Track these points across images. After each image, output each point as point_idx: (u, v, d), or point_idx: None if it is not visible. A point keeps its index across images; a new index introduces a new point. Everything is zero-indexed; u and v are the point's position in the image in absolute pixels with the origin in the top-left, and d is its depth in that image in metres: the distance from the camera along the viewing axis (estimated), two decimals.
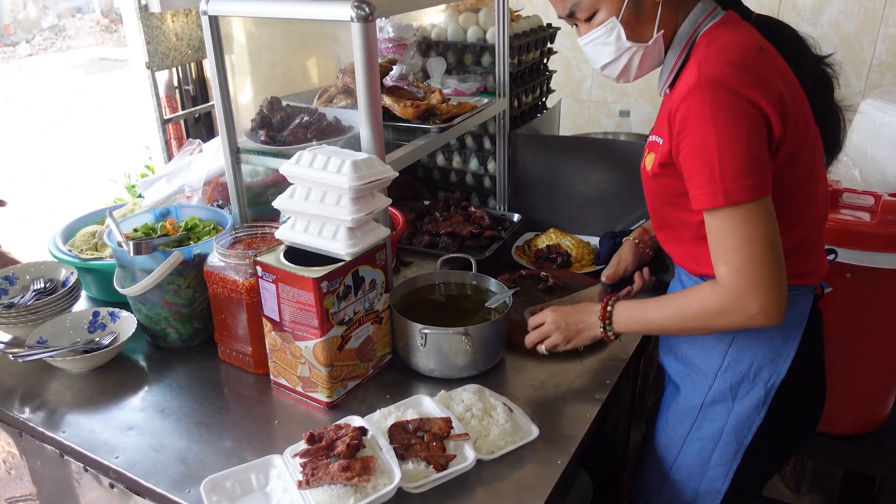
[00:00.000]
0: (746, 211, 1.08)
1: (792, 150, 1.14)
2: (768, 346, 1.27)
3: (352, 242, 1.33)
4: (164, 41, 2.48)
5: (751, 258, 1.09)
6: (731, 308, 1.13)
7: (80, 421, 1.37)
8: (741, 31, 1.19)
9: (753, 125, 1.08)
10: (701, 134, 1.09)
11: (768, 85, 1.10)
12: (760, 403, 1.28)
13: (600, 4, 1.21)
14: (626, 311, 1.32)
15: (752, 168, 1.07)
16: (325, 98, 1.79)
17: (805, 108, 1.18)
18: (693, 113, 1.09)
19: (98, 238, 1.77)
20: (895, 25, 2.64)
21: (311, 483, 1.12)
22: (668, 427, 1.41)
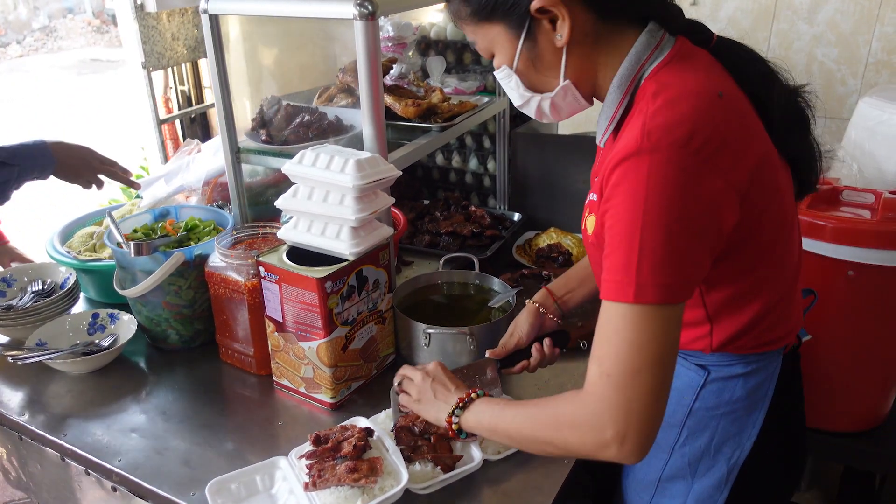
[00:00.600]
0: (648, 313, 0.87)
1: (753, 220, 0.95)
2: (730, 420, 1.10)
3: (355, 242, 1.32)
4: (160, 41, 2.47)
5: (627, 367, 0.87)
6: (584, 422, 0.91)
7: (81, 424, 1.36)
8: (696, 71, 0.96)
9: (697, 214, 0.87)
10: (629, 208, 0.87)
11: (729, 150, 0.89)
12: (723, 482, 1.12)
13: (494, 48, 1.04)
14: (486, 405, 1.09)
15: (675, 266, 0.87)
16: (324, 97, 1.78)
17: (770, 159, 0.98)
18: (627, 182, 0.87)
19: (97, 239, 1.76)
20: (891, 24, 2.65)
21: (318, 485, 1.11)
22: (628, 498, 1.27)
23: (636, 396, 0.87)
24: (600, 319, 0.91)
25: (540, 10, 0.96)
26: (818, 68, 2.75)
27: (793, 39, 2.75)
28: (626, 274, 0.87)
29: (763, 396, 1.10)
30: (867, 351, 1.80)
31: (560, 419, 0.95)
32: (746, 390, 1.09)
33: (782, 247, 1.03)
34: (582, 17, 0.97)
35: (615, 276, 0.89)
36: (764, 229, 0.98)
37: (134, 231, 1.60)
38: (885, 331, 1.79)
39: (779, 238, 1.02)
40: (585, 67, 1.01)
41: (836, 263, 1.70)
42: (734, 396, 1.09)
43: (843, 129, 2.34)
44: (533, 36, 0.99)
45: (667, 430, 1.14)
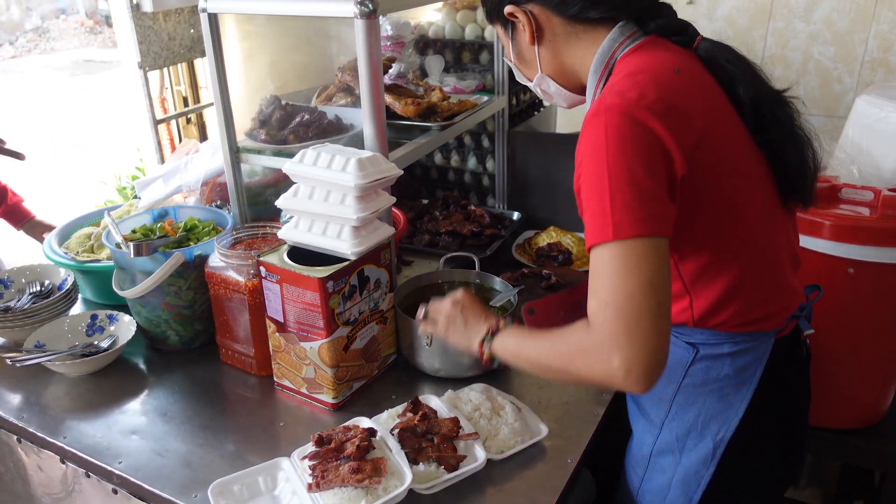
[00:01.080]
0: (630, 245, 0.92)
1: (703, 188, 1.02)
2: (718, 397, 1.14)
3: (357, 241, 1.31)
4: (156, 41, 2.46)
5: (622, 294, 0.91)
6: (591, 349, 0.95)
7: (81, 426, 1.35)
8: (659, 53, 1.07)
9: (649, 155, 0.95)
10: (594, 163, 0.95)
11: (676, 113, 0.97)
12: (709, 458, 1.16)
13: (502, 40, 1.24)
14: (514, 335, 1.15)
15: (644, 201, 0.93)
16: (324, 96, 1.78)
17: (735, 138, 1.06)
18: (588, 140, 0.97)
19: (94, 240, 1.74)
20: (886, 22, 2.66)
21: (322, 486, 1.11)
22: (627, 474, 1.33)
23: (635, 319, 0.91)
24: (591, 266, 0.97)
25: (510, 14, 1.14)
26: (814, 66, 2.75)
27: (789, 38, 2.75)
28: (603, 218, 0.94)
29: (751, 376, 1.14)
30: (867, 348, 1.81)
31: (571, 348, 1.00)
32: (734, 369, 1.13)
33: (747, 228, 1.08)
34: (548, 19, 1.13)
35: (594, 221, 0.95)
36: (719, 200, 1.04)
37: (133, 231, 1.59)
38: (885, 328, 1.79)
39: (740, 214, 1.07)
40: (558, 61, 1.16)
41: (835, 261, 1.70)
42: (721, 374, 1.13)
43: (840, 126, 2.35)
44: (514, 35, 1.19)
45: (658, 405, 1.21)
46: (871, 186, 1.81)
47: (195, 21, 2.61)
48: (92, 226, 1.86)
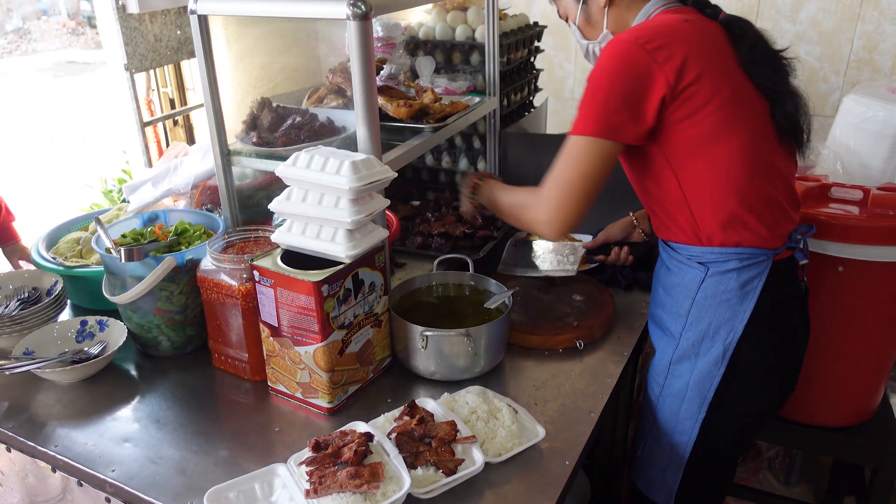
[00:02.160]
0: (580, 142, 1.27)
1: (688, 112, 1.25)
2: (726, 307, 1.35)
3: (352, 245, 1.30)
4: (142, 42, 2.43)
5: (564, 177, 1.30)
6: (532, 205, 1.37)
7: (72, 434, 1.33)
8: (680, 12, 1.34)
9: (631, 75, 1.23)
10: (593, 76, 1.26)
11: (666, 49, 1.23)
12: (719, 359, 1.37)
13: (568, 11, 1.50)
14: (487, 188, 1.58)
15: (607, 114, 1.24)
16: (314, 98, 1.76)
17: (728, 79, 1.28)
18: (596, 63, 1.28)
19: (83, 245, 1.72)
20: (871, 22, 2.68)
21: (320, 492, 1.10)
22: (649, 385, 1.52)
23: (564, 197, 1.31)
24: (563, 146, 1.31)
25: None
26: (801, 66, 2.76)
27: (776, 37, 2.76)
28: (579, 117, 1.28)
29: (753, 289, 1.35)
30: (857, 346, 1.82)
31: (521, 202, 1.43)
32: (739, 282, 1.34)
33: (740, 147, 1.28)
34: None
35: (575, 119, 1.28)
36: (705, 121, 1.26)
37: (122, 236, 1.57)
38: (875, 326, 1.80)
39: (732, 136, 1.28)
40: (619, 21, 1.43)
41: (825, 259, 1.71)
42: (728, 287, 1.35)
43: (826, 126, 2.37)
44: (587, 2, 1.45)
45: (675, 319, 1.43)
46: (860, 185, 1.83)
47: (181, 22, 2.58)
48: (80, 230, 1.84)
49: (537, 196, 1.35)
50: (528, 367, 1.51)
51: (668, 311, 1.44)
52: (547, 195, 1.32)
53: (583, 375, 1.48)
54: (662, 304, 1.46)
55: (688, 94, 1.24)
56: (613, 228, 1.80)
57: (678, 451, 1.46)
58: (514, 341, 1.57)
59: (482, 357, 1.43)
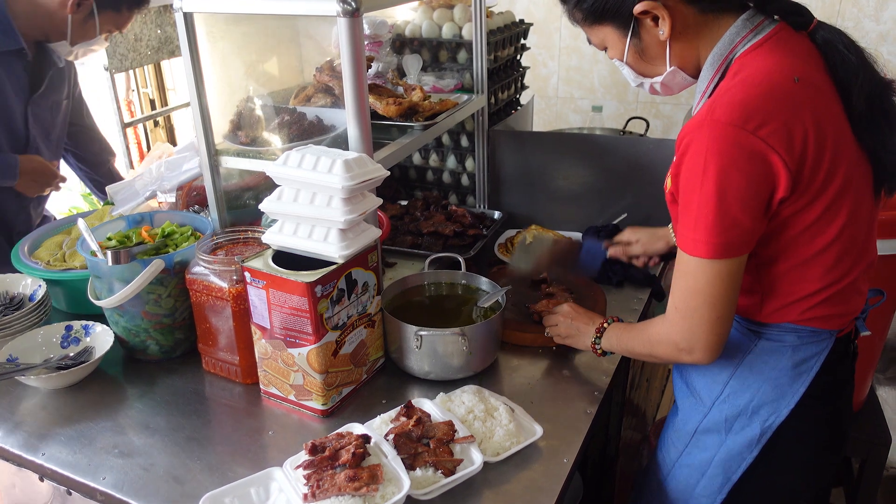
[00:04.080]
0: (705, 265, 1.07)
1: (801, 206, 1.07)
2: (772, 385, 1.20)
3: (345, 244, 1.29)
4: (122, 42, 2.39)
5: (690, 306, 1.11)
6: (665, 339, 1.18)
7: (60, 442, 1.30)
8: (781, 56, 1.07)
9: (749, 182, 1.01)
10: (693, 177, 1.04)
11: (788, 133, 1.00)
12: (754, 442, 1.22)
13: (607, 44, 1.22)
14: (615, 332, 1.36)
15: (725, 229, 1.03)
16: (302, 97, 1.74)
17: (842, 147, 1.07)
18: (693, 149, 1.03)
19: (67, 248, 1.69)
20: (850, 19, 2.72)
21: (318, 495, 1.08)
22: (664, 447, 1.40)
23: (696, 325, 1.12)
24: (677, 260, 1.13)
25: (643, 12, 1.11)
26: None
27: None
28: (689, 231, 1.07)
29: (808, 370, 1.19)
30: None
31: (653, 339, 1.22)
32: (793, 361, 1.18)
33: (842, 227, 1.10)
34: (682, 10, 1.11)
35: (683, 230, 1.09)
36: (814, 211, 1.07)
37: (108, 239, 1.54)
38: None
39: (837, 217, 1.09)
40: (688, 53, 1.15)
41: None
42: (780, 365, 1.19)
43: None
44: (638, 33, 1.15)
45: (711, 385, 1.27)
46: None
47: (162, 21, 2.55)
48: (63, 234, 1.80)
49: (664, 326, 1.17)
50: (523, 366, 1.50)
51: (703, 373, 1.28)
52: (675, 324, 1.14)
53: (578, 373, 1.48)
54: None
55: (804, 187, 1.04)
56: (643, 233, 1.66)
57: None
58: (508, 339, 1.56)
59: (476, 356, 1.42)
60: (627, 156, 1.92)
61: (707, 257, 1.06)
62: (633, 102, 3.22)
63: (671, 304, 1.15)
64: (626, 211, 1.95)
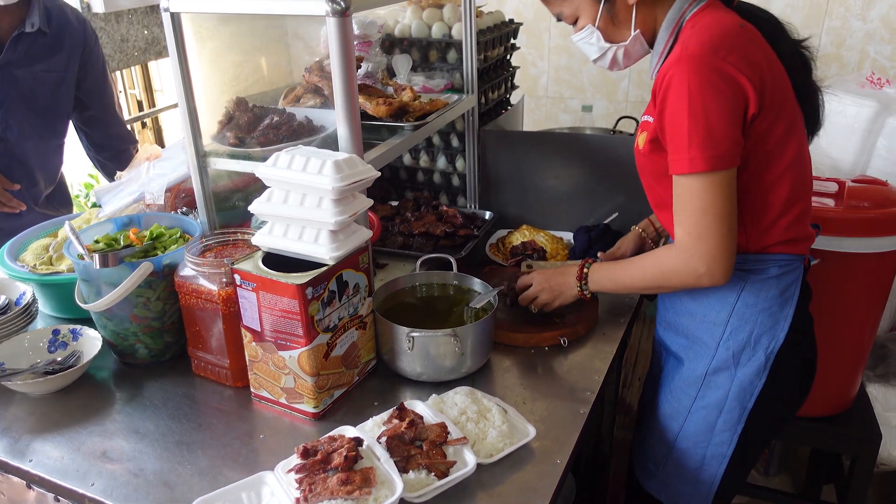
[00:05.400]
0: (706, 180, 1.19)
1: (768, 124, 1.22)
2: (766, 315, 1.34)
3: (335, 246, 1.28)
4: (109, 43, 2.37)
5: (703, 226, 1.21)
6: (683, 268, 1.26)
7: (47, 448, 1.28)
8: (724, 13, 1.27)
9: (727, 99, 1.16)
10: (679, 104, 1.17)
11: (748, 61, 1.18)
12: (761, 368, 1.35)
13: (580, 13, 1.36)
14: (600, 271, 1.45)
15: (717, 140, 1.16)
16: (291, 98, 1.73)
17: (784, 84, 1.26)
18: (674, 85, 1.18)
19: (54, 251, 1.66)
20: (838, 18, 2.74)
21: (310, 499, 1.07)
22: (673, 398, 1.47)
23: (713, 244, 1.22)
24: (675, 192, 1.24)
25: None
26: None
27: None
28: (682, 151, 1.19)
29: (792, 295, 1.35)
30: (835, 336, 1.84)
31: (665, 271, 1.30)
32: (779, 289, 1.33)
33: (790, 158, 1.27)
34: None
35: (676, 155, 1.20)
36: (777, 130, 1.23)
37: (95, 242, 1.52)
38: (852, 316, 1.83)
39: (791, 142, 1.26)
40: (648, 18, 1.33)
41: None
42: (769, 294, 1.33)
43: None
44: None
45: (712, 328, 1.38)
46: (834, 178, 1.85)
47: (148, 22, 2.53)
48: (49, 236, 1.78)
49: (681, 255, 1.26)
50: (515, 366, 1.50)
51: (700, 320, 1.40)
52: (693, 249, 1.24)
53: (570, 373, 1.47)
54: (691, 313, 1.41)
55: (767, 106, 1.21)
56: (626, 244, 1.71)
57: (714, 462, 1.43)
58: (500, 340, 1.56)
59: (469, 357, 1.41)
60: (618, 155, 1.92)
61: (707, 170, 1.17)
62: (623, 102, 3.22)
63: (681, 231, 1.24)
64: (617, 210, 1.95)
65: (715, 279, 1.24)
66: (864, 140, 2.17)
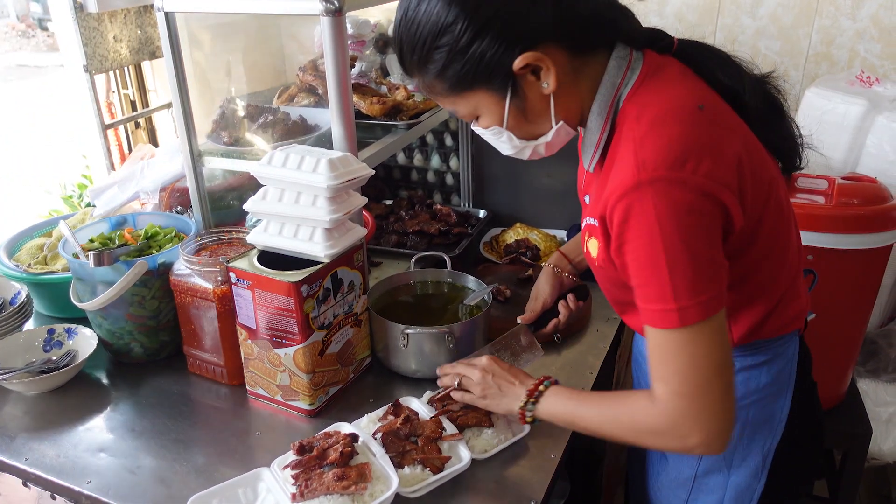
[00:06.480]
0: (697, 331, 0.91)
1: (757, 216, 0.99)
2: (759, 407, 1.13)
3: (330, 244, 1.28)
4: (102, 43, 2.36)
5: (694, 385, 0.93)
6: (666, 432, 0.96)
7: (43, 446, 1.28)
8: (672, 86, 0.99)
9: (708, 224, 0.90)
10: (649, 245, 0.90)
11: (722, 161, 0.91)
12: (759, 470, 1.16)
13: (479, 111, 1.04)
14: (556, 397, 1.13)
15: (708, 280, 0.90)
16: (285, 97, 1.74)
17: (759, 153, 1.01)
18: (634, 218, 0.90)
19: (48, 250, 1.67)
20: (828, 17, 2.75)
21: (306, 495, 1.08)
22: (662, 496, 1.28)
23: (709, 405, 0.93)
24: (650, 344, 0.96)
25: (523, 67, 0.96)
26: (762, 61, 2.83)
27: (737, 33, 2.82)
28: (666, 302, 0.90)
29: (787, 380, 1.14)
30: (825, 332, 1.85)
31: (639, 426, 0.99)
32: (771, 376, 1.12)
33: (785, 235, 1.06)
34: (558, 57, 0.97)
35: (654, 305, 0.92)
36: (767, 222, 1.01)
37: (90, 241, 1.52)
38: (844, 313, 1.85)
39: (780, 227, 1.05)
40: (571, 103, 1.03)
41: None
42: (761, 384, 1.13)
43: None
44: (519, 91, 1.00)
45: None
46: (824, 175, 1.87)
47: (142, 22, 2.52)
48: (43, 236, 1.78)
49: (664, 415, 0.95)
50: None
51: None
52: (682, 411, 0.94)
53: (563, 369, 1.48)
54: None
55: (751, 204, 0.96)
56: (541, 288, 1.44)
57: None
58: (494, 337, 1.56)
59: (463, 354, 1.42)
60: None
61: (699, 320, 0.90)
62: None
63: (664, 389, 0.95)
64: None
65: (711, 449, 0.95)
66: (854, 138, 2.19)
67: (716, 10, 2.82)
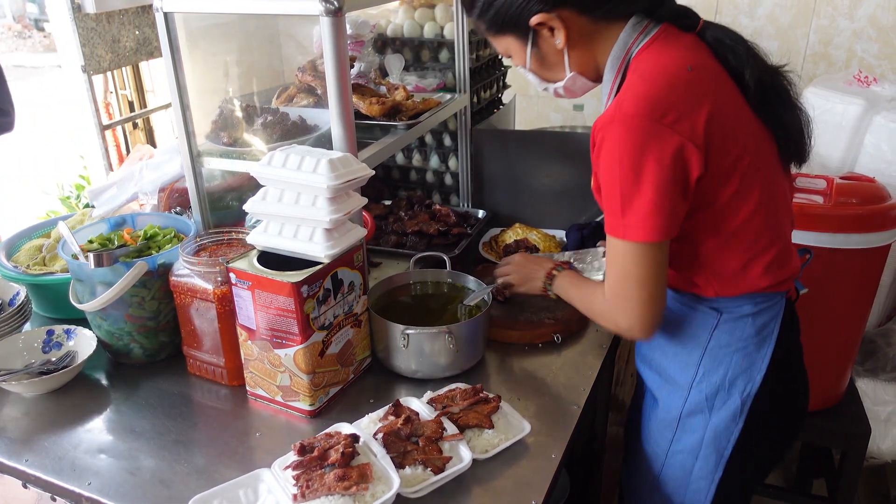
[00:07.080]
0: (633, 249, 1.12)
1: (718, 181, 1.12)
2: (741, 356, 1.25)
3: (330, 244, 1.28)
4: (100, 43, 2.36)
5: (621, 288, 1.16)
6: (607, 317, 1.23)
7: (44, 447, 1.28)
8: (672, 50, 1.15)
9: (665, 167, 1.06)
10: (612, 168, 1.09)
11: (691, 117, 1.07)
12: (737, 413, 1.26)
13: (510, 52, 1.27)
14: (564, 280, 1.40)
15: (651, 212, 1.07)
16: (284, 97, 1.74)
17: (744, 126, 1.15)
18: (608, 144, 1.09)
19: (47, 251, 1.66)
20: (826, 17, 2.76)
21: (307, 496, 1.08)
22: (651, 439, 1.40)
23: (630, 306, 1.16)
24: (607, 242, 1.17)
25: (539, 24, 1.18)
26: None
27: None
28: (616, 217, 1.11)
29: (770, 334, 1.25)
30: (824, 331, 1.87)
31: (595, 309, 1.27)
32: (755, 328, 1.24)
33: (760, 197, 1.16)
34: (576, 21, 1.18)
35: (610, 218, 1.13)
36: (731, 184, 1.14)
37: (89, 242, 1.52)
38: (842, 312, 1.86)
39: (752, 190, 1.15)
40: (585, 59, 1.22)
41: None
42: (745, 334, 1.24)
43: None
44: (537, 43, 1.22)
45: (684, 368, 1.30)
46: (823, 175, 1.87)
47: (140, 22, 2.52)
48: (42, 237, 1.78)
49: (605, 305, 1.21)
50: (509, 363, 1.51)
51: (672, 358, 1.32)
52: (614, 306, 1.18)
53: (563, 369, 1.48)
54: (663, 350, 1.34)
55: (715, 161, 1.10)
56: None
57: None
58: (494, 337, 1.57)
59: (463, 354, 1.42)
60: None
61: (637, 241, 1.10)
62: None
63: (607, 287, 1.20)
64: None
65: (635, 336, 1.19)
66: (852, 137, 2.20)
67: (714, 11, 2.83)
